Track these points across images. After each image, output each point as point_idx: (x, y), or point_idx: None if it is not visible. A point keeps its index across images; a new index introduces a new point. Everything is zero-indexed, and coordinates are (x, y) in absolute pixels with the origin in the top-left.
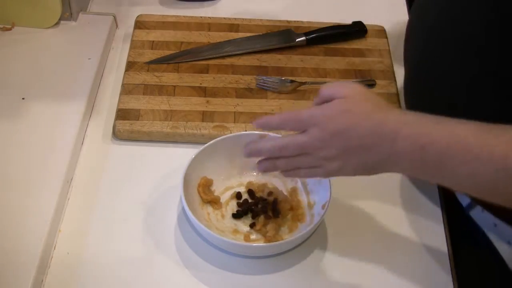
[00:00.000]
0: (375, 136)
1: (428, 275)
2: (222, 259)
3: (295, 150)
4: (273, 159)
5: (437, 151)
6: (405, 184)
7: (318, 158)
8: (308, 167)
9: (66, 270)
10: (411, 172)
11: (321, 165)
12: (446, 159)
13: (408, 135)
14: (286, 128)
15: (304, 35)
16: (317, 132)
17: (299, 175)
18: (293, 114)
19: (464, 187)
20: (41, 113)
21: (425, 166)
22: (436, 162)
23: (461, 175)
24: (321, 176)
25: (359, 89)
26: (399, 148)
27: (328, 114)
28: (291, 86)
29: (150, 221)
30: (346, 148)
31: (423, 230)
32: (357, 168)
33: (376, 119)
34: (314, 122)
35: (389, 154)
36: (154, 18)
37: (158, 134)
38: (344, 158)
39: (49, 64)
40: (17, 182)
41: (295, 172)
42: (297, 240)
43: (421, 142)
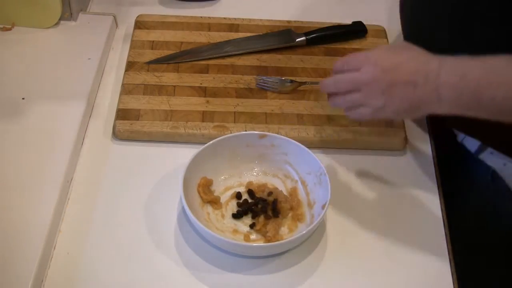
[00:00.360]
0: (421, 73)
1: (428, 276)
2: (222, 259)
3: (348, 84)
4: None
5: (476, 78)
6: (406, 185)
7: (366, 95)
8: (358, 105)
9: (66, 270)
10: (453, 105)
11: (368, 103)
12: (484, 84)
13: (449, 69)
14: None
15: (304, 35)
16: (370, 68)
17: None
18: (352, 56)
19: (501, 112)
20: (41, 113)
21: (466, 94)
22: (476, 89)
23: (498, 98)
24: (367, 115)
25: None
26: (443, 81)
27: (380, 54)
28: (291, 86)
29: (150, 221)
30: (394, 83)
31: (423, 230)
32: (401, 106)
33: (421, 59)
34: (368, 61)
35: (434, 88)
36: (154, 18)
37: (158, 134)
38: (390, 94)
39: (49, 64)
40: (17, 182)
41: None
42: (297, 240)
43: (461, 72)
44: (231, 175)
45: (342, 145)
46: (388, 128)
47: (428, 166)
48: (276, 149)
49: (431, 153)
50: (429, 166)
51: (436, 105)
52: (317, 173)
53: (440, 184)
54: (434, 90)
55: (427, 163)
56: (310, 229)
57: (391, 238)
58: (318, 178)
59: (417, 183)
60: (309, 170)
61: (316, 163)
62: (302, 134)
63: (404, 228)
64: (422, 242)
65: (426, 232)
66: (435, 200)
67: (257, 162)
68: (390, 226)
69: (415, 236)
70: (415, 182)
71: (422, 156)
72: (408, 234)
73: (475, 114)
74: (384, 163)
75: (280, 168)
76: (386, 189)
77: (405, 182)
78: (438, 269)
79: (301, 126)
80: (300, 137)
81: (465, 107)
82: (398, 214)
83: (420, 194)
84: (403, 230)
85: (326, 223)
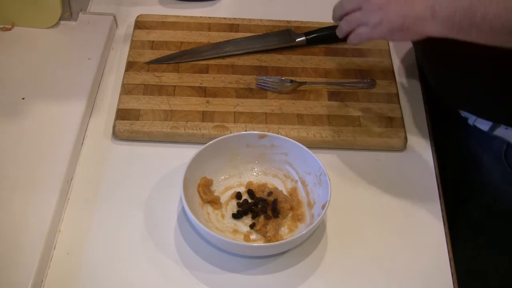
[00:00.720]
0: None
1: (428, 276)
2: (222, 259)
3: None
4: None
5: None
6: (406, 184)
7: (366, 11)
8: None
9: (66, 270)
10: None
11: (367, 21)
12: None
13: None
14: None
15: (304, 35)
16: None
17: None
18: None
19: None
20: (41, 113)
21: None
22: (469, 7)
23: (489, 15)
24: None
25: None
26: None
27: None
28: (291, 86)
29: (150, 221)
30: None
31: (423, 230)
32: (396, 22)
33: None
34: None
35: (429, 5)
36: (154, 18)
37: (158, 134)
38: (387, 9)
39: (49, 64)
40: (17, 182)
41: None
42: (297, 240)
43: None
44: (231, 175)
45: (342, 145)
46: (388, 128)
47: (428, 166)
48: (276, 149)
49: (431, 153)
50: (429, 166)
51: (429, 22)
52: (317, 173)
53: (440, 184)
54: (430, 7)
55: (427, 163)
56: (310, 229)
57: (391, 238)
58: (318, 178)
59: (417, 183)
60: (309, 170)
61: (316, 163)
62: (302, 134)
63: (404, 228)
64: (422, 242)
65: (426, 232)
66: (435, 200)
67: (257, 162)
68: (390, 226)
69: (415, 236)
70: (415, 182)
71: (422, 156)
72: (408, 234)
73: (465, 36)
74: (384, 163)
75: (280, 168)
76: (386, 189)
77: (405, 182)
78: (438, 269)
79: (301, 126)
80: (300, 137)
81: (457, 27)
82: (398, 214)
83: (420, 194)
84: (403, 230)
85: (326, 223)
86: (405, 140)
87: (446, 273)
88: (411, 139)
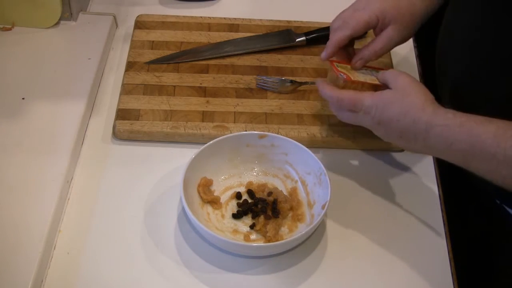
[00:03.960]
0: (411, 132)
1: (428, 276)
2: (222, 259)
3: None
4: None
5: (461, 149)
6: (406, 184)
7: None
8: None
9: (66, 270)
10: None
11: None
12: (469, 156)
13: (436, 136)
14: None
15: (304, 35)
16: (367, 118)
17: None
18: (348, 100)
19: (488, 179)
20: (41, 113)
21: (454, 160)
22: (462, 158)
23: (483, 170)
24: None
25: (407, 82)
26: (431, 144)
27: (378, 105)
28: (291, 86)
29: (150, 221)
30: (389, 133)
31: (423, 230)
32: (401, 146)
33: (411, 117)
34: (366, 110)
35: (423, 146)
36: (154, 18)
37: (158, 134)
38: (388, 138)
39: (49, 64)
40: (17, 182)
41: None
42: (297, 240)
43: (448, 142)
44: (231, 175)
45: (342, 145)
46: None
47: (428, 166)
48: (276, 149)
49: None
50: (429, 166)
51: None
52: (317, 173)
53: (440, 184)
54: (424, 147)
55: (427, 163)
56: (310, 229)
57: (391, 238)
58: (318, 178)
59: (417, 183)
60: (309, 170)
61: (316, 163)
62: (302, 134)
63: (404, 228)
64: (422, 242)
65: (426, 232)
66: (435, 200)
67: (257, 162)
68: (390, 226)
69: (415, 236)
70: (415, 182)
71: (422, 156)
72: (408, 234)
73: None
74: (384, 163)
75: (280, 168)
76: (386, 189)
77: (405, 182)
78: (438, 269)
79: (301, 126)
80: (300, 137)
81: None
82: (398, 214)
83: (420, 194)
84: (403, 230)
85: (326, 223)
86: None
87: (446, 273)
88: None
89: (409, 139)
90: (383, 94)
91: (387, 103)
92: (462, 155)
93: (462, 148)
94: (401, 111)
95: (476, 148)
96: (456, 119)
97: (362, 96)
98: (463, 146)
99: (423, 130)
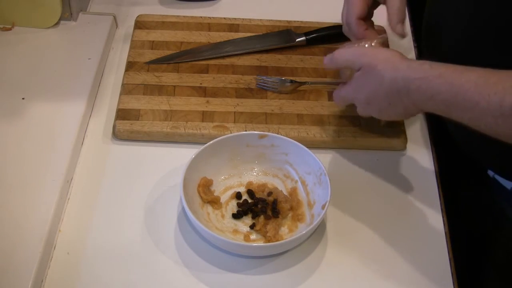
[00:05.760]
0: (394, 92)
1: (428, 275)
2: (222, 259)
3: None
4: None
5: (443, 100)
6: (406, 184)
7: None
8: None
9: (66, 270)
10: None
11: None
12: (451, 106)
13: (416, 89)
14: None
15: (304, 35)
16: (358, 103)
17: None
18: (338, 95)
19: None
20: (41, 113)
21: (438, 110)
22: (444, 108)
23: (465, 119)
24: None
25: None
26: (415, 99)
27: (356, 88)
28: (291, 86)
29: (150, 221)
30: (380, 109)
31: (423, 230)
32: (394, 117)
33: (388, 79)
34: (352, 97)
35: (409, 103)
36: (154, 18)
37: (158, 134)
38: (381, 114)
39: (49, 64)
40: (17, 182)
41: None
42: (297, 240)
43: (428, 94)
44: (231, 175)
45: (342, 145)
46: (388, 128)
47: (428, 166)
48: (276, 149)
49: (431, 153)
50: (429, 166)
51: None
52: (317, 173)
53: (440, 184)
54: (411, 103)
55: (427, 163)
56: (310, 229)
57: (391, 238)
58: (318, 178)
59: (417, 183)
60: (309, 170)
61: (316, 163)
62: (302, 134)
63: (404, 228)
64: (422, 242)
65: (426, 232)
66: (435, 200)
67: (257, 162)
68: (390, 226)
69: (415, 235)
70: (415, 182)
71: (422, 156)
72: (408, 234)
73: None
74: (384, 163)
75: (280, 168)
76: (386, 189)
77: (405, 182)
78: (438, 269)
79: (301, 126)
80: (300, 137)
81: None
82: (398, 214)
83: (420, 194)
84: (403, 230)
85: (326, 223)
86: (405, 140)
87: (446, 273)
88: (411, 139)
89: (396, 102)
90: (355, 77)
91: (362, 82)
92: (444, 105)
93: (444, 98)
94: (377, 81)
95: (458, 98)
96: (434, 70)
97: (345, 87)
98: (444, 96)
99: (402, 87)
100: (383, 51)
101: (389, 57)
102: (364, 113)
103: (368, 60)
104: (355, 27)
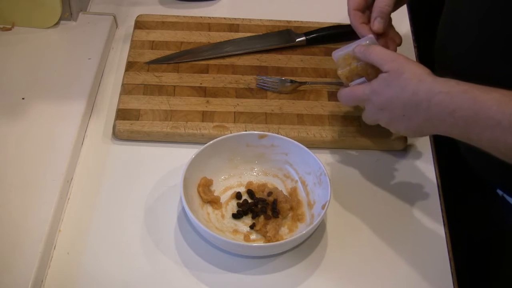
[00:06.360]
0: (412, 104)
1: (428, 276)
2: (222, 259)
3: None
4: None
5: (464, 116)
6: (406, 184)
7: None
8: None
9: (66, 270)
10: (447, 133)
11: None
12: (472, 123)
13: (438, 103)
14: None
15: (304, 35)
16: (370, 107)
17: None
18: (350, 94)
19: (489, 150)
20: (41, 113)
21: (455, 129)
22: (464, 126)
23: (484, 140)
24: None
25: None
26: (433, 114)
27: (376, 90)
28: (291, 86)
29: (150, 221)
30: (392, 117)
31: (423, 230)
32: (407, 131)
33: (410, 90)
34: (366, 98)
35: (426, 119)
36: (154, 18)
37: (158, 134)
38: (394, 125)
39: (49, 64)
40: (17, 182)
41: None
42: (297, 240)
43: (450, 109)
44: (231, 175)
45: (342, 145)
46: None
47: (428, 166)
48: (276, 149)
49: (431, 153)
50: (429, 166)
51: (434, 130)
52: (317, 173)
53: (440, 184)
54: (426, 120)
55: (427, 163)
56: (310, 229)
57: (391, 238)
58: (318, 178)
59: (417, 183)
60: (309, 170)
61: (316, 163)
62: (302, 134)
63: (404, 228)
64: (422, 242)
65: (426, 232)
66: (435, 200)
67: (257, 162)
68: (390, 226)
69: (415, 236)
70: (415, 182)
71: (422, 156)
72: (408, 234)
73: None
74: (384, 163)
75: (280, 168)
76: (386, 189)
77: (405, 182)
78: (438, 269)
79: (301, 126)
80: (300, 137)
81: (459, 138)
82: (398, 214)
83: (420, 194)
84: (403, 230)
85: (326, 223)
86: (405, 140)
87: (446, 273)
88: (411, 139)
89: (411, 115)
90: (378, 79)
91: (384, 86)
92: (464, 122)
93: (465, 115)
94: (399, 88)
95: (480, 115)
96: (459, 86)
97: (362, 87)
98: (466, 113)
99: (424, 99)
100: (414, 63)
101: (417, 70)
102: (372, 118)
103: (397, 67)
104: (351, 18)
